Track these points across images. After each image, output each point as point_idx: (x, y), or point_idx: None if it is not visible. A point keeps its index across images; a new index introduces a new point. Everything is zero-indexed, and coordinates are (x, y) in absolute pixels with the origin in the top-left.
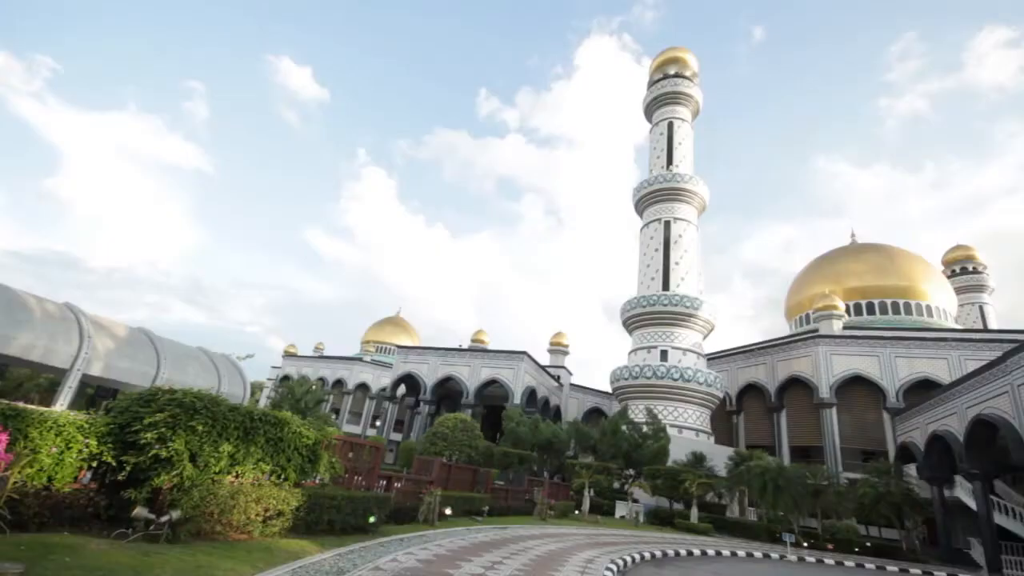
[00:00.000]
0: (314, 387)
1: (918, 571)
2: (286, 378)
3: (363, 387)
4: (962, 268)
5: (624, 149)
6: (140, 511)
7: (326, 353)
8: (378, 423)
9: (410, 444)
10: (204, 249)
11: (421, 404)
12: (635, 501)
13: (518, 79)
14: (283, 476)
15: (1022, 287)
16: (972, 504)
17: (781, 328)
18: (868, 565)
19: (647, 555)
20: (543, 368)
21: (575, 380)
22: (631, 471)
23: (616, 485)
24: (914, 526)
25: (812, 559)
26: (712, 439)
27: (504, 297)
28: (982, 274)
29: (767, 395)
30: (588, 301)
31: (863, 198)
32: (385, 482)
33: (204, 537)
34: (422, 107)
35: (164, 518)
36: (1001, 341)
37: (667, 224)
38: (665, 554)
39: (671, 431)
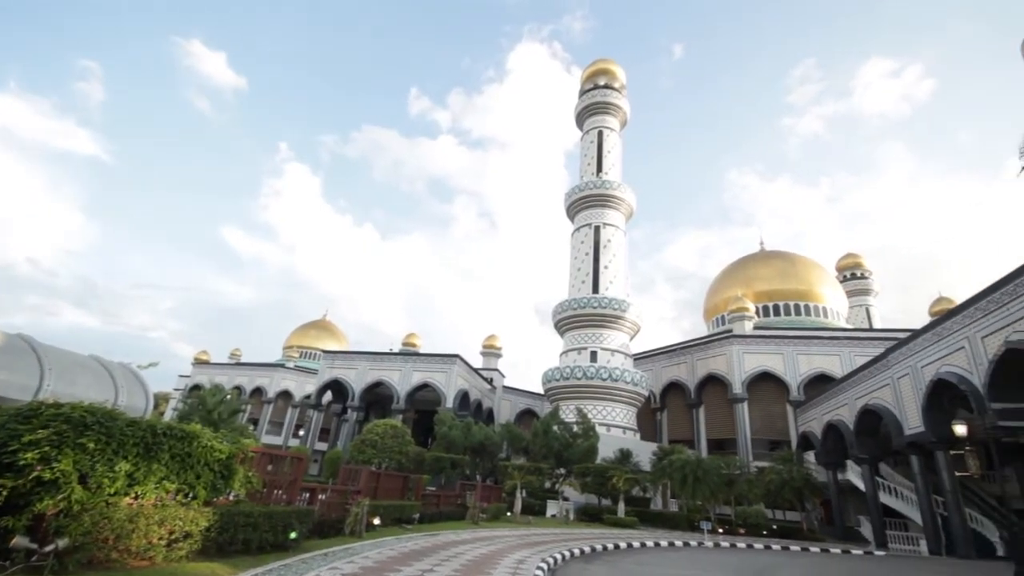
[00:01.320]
0: (229, 396)
1: (816, 549)
2: (196, 388)
3: (285, 395)
4: (852, 274)
5: (555, 154)
6: (20, 540)
7: (244, 360)
8: (302, 433)
9: (336, 453)
10: (99, 247)
11: (349, 411)
12: (566, 499)
13: (450, 80)
14: (191, 494)
15: (900, 292)
16: (861, 486)
17: (700, 328)
18: (774, 546)
19: (576, 552)
20: (476, 371)
21: (508, 382)
22: (562, 470)
23: (548, 485)
24: (813, 508)
25: (726, 544)
26: (638, 436)
27: (436, 299)
28: (868, 280)
29: (687, 392)
30: (521, 303)
31: (770, 209)
32: (308, 495)
33: (98, 566)
34: (349, 103)
35: (49, 547)
36: (883, 339)
37: (597, 229)
38: (594, 549)
39: (600, 430)
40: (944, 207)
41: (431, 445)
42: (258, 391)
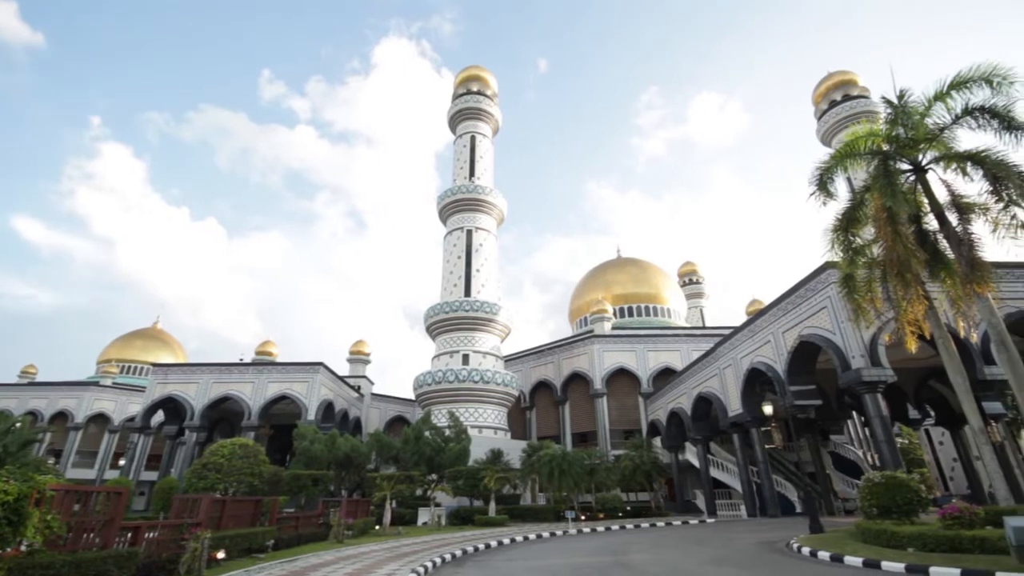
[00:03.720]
0: (19, 424)
1: (662, 523)
2: None
3: (100, 419)
4: (690, 279)
5: (425, 155)
6: None
7: (41, 378)
8: (123, 462)
9: (170, 482)
10: None
11: (187, 432)
12: (438, 505)
13: (308, 67)
14: None
15: (725, 294)
16: (696, 463)
17: (566, 330)
18: (628, 526)
19: (448, 557)
20: (342, 379)
21: (378, 389)
22: (434, 476)
23: (420, 492)
24: (659, 487)
25: (588, 529)
26: (509, 435)
27: (297, 304)
28: (701, 284)
29: (555, 390)
30: (390, 307)
31: (625, 219)
32: (131, 534)
33: None
34: (185, 76)
35: None
36: (713, 336)
37: (469, 233)
38: (465, 552)
39: (472, 432)
40: (759, 221)
41: (290, 462)
42: (62, 415)
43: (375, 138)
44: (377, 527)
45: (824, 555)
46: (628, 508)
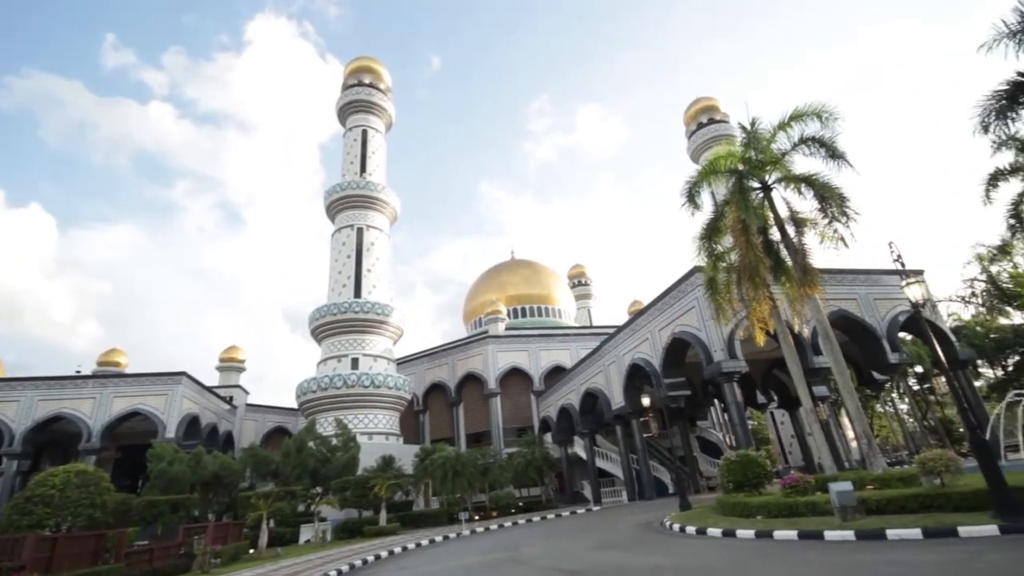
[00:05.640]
0: None
1: (552, 516)
2: None
3: None
4: (579, 281)
5: (309, 146)
6: None
7: None
8: None
9: None
10: None
11: (3, 461)
12: (322, 520)
13: (166, 36)
14: None
15: (610, 295)
16: (584, 455)
17: (460, 330)
18: (520, 521)
19: (332, 574)
20: (210, 390)
21: (253, 399)
22: (319, 489)
23: (302, 508)
24: (550, 481)
25: (481, 528)
26: (401, 440)
27: (155, 307)
28: (589, 286)
29: (449, 392)
30: (268, 310)
31: (518, 221)
32: None
33: None
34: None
35: None
36: (600, 335)
37: (360, 231)
38: (352, 567)
39: (362, 439)
40: (640, 226)
41: (143, 488)
42: None
43: (249, 123)
44: (252, 551)
45: (691, 529)
46: (520, 504)
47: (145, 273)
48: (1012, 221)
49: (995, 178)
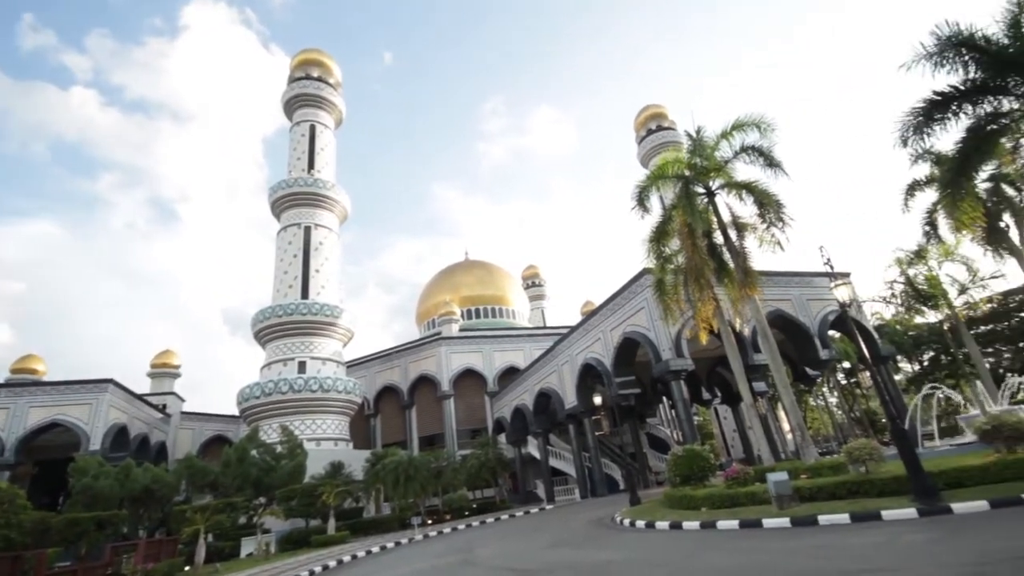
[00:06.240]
0: None
1: (506, 516)
2: None
3: None
4: (533, 282)
5: (251, 139)
6: None
7: None
8: None
9: None
10: None
11: None
12: (266, 531)
13: (90, 17)
14: None
15: (563, 296)
16: (537, 455)
17: (412, 332)
18: (474, 523)
19: None
20: (141, 397)
21: (190, 407)
22: (262, 499)
23: (244, 520)
24: (504, 482)
25: (435, 532)
26: (351, 445)
27: (78, 310)
28: (543, 287)
29: (401, 395)
30: (207, 312)
31: (472, 222)
32: None
33: None
34: None
35: None
36: (553, 335)
37: (308, 230)
38: None
39: (309, 445)
40: (592, 228)
41: (64, 505)
42: None
43: (184, 113)
44: (188, 567)
45: (640, 524)
46: (474, 506)
47: (66, 273)
48: (927, 228)
49: (912, 188)
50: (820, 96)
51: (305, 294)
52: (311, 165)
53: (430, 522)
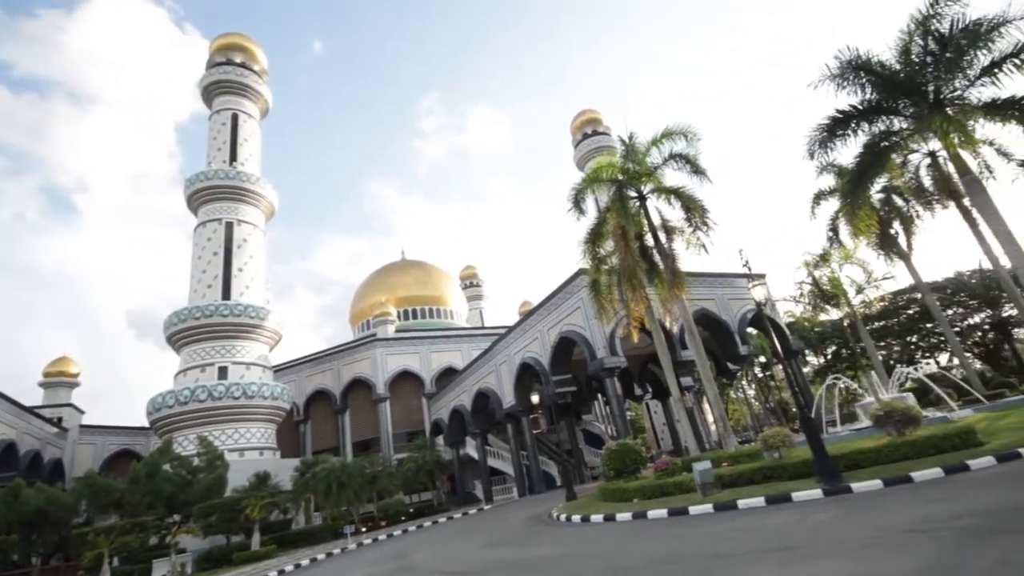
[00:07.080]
0: None
1: (444, 519)
2: None
3: None
4: (471, 282)
5: (162, 126)
6: None
7: None
8: None
9: None
10: None
11: None
12: (181, 551)
13: None
14: None
15: (501, 296)
16: (476, 455)
17: (344, 334)
18: (411, 528)
19: None
20: (31, 410)
21: (90, 419)
22: (176, 517)
23: (155, 540)
24: (441, 484)
25: (369, 541)
26: (278, 454)
27: None
28: (481, 287)
29: (333, 399)
30: (110, 314)
31: (408, 221)
32: None
33: None
34: None
35: None
36: (491, 335)
37: (230, 226)
38: None
39: (231, 456)
40: (530, 228)
41: None
42: None
43: (83, 94)
44: None
45: (576, 518)
46: (411, 510)
47: None
48: (831, 233)
49: (818, 197)
50: (752, 101)
51: (227, 294)
52: (233, 157)
53: (364, 530)
